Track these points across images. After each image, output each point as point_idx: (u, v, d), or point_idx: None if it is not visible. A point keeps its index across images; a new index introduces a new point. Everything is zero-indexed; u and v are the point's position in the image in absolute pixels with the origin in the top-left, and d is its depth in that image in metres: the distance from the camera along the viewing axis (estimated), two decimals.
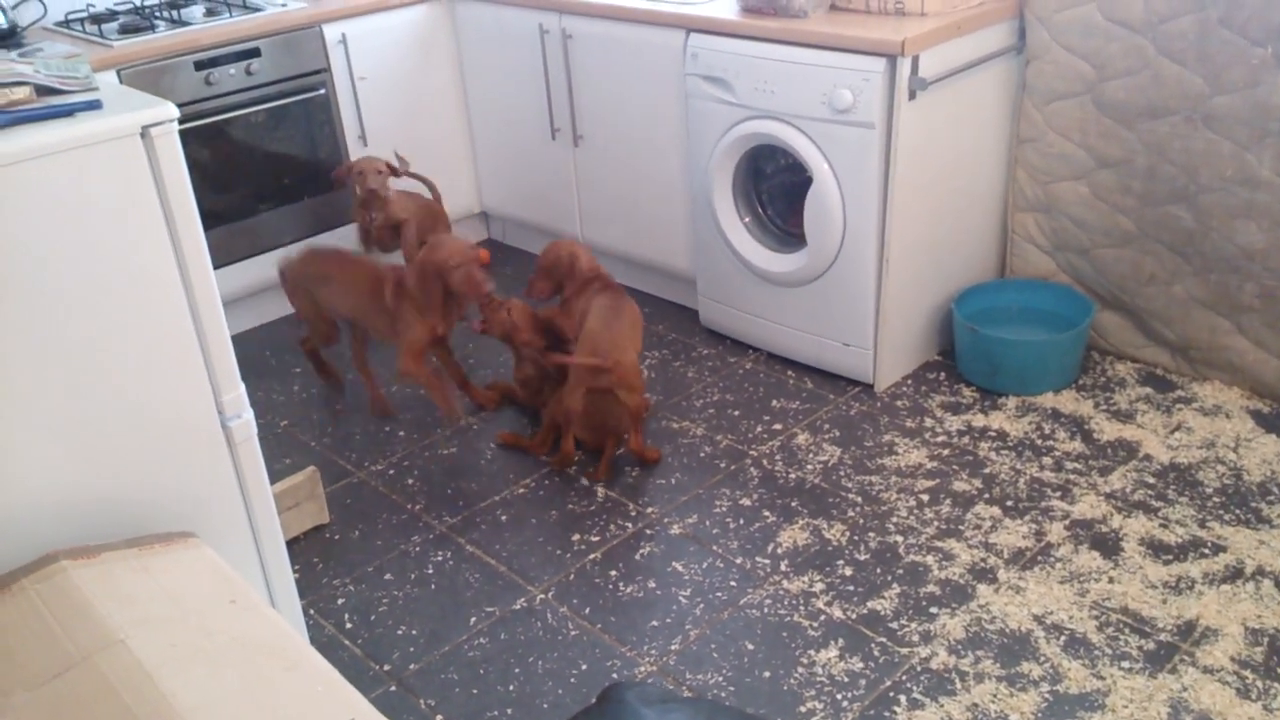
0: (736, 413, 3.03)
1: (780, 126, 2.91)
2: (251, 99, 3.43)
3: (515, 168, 3.92)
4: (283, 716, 1.20)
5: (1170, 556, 2.38)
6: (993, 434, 2.84)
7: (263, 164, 3.54)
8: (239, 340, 3.57)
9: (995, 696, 2.07)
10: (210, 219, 3.37)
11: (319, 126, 3.61)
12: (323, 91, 3.57)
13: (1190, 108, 2.75)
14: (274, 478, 2.54)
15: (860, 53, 2.71)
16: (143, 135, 1.54)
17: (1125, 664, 2.11)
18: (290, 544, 2.57)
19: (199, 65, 3.28)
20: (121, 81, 3.08)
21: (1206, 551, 2.38)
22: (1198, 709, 2.00)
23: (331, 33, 3.53)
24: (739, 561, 2.47)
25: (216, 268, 1.68)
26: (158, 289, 1.59)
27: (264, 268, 3.60)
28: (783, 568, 2.44)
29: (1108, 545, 2.42)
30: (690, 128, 3.19)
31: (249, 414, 1.70)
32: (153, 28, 3.32)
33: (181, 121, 1.60)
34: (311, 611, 2.42)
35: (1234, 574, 2.31)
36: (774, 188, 3.22)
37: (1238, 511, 2.49)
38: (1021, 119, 3.07)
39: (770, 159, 3.15)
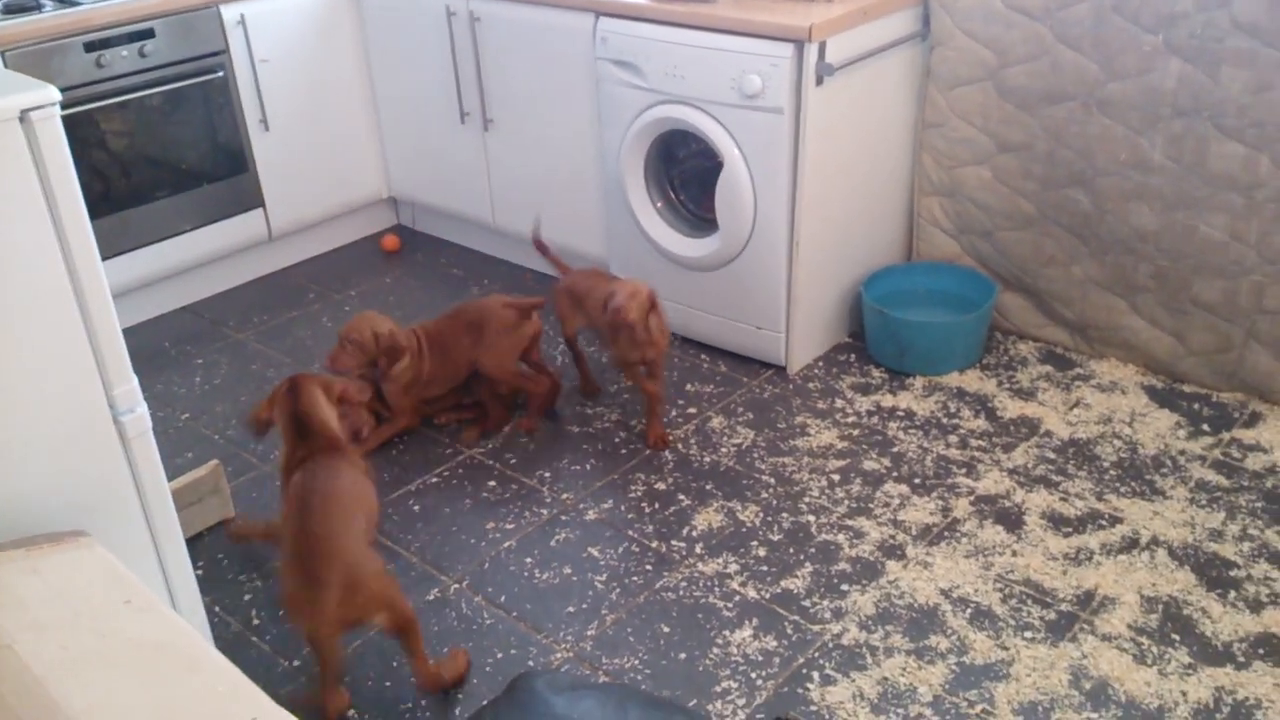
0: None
1: (691, 111, 2.92)
2: (146, 81, 3.31)
3: (424, 153, 3.86)
4: (182, 718, 1.17)
5: (1070, 529, 2.45)
6: (901, 414, 2.90)
7: (159, 149, 3.42)
8: (136, 331, 3.51)
9: (904, 669, 2.11)
10: (103, 206, 3.31)
11: (218, 110, 3.50)
12: (221, 74, 3.46)
13: (1086, 93, 2.83)
14: (175, 473, 2.48)
15: (768, 38, 2.72)
16: (21, 119, 1.48)
17: (1028, 634, 2.18)
18: (193, 540, 2.51)
19: (89, 46, 3.15)
20: (6, 65, 2.94)
21: (1104, 523, 2.46)
22: (1097, 675, 2.07)
23: (230, 13, 3.43)
24: (654, 545, 2.48)
25: (110, 257, 1.62)
26: (41, 280, 1.53)
27: (161, 256, 3.49)
28: (698, 550, 2.46)
29: (1011, 519, 2.49)
30: (602, 112, 3.17)
31: (143, 408, 1.64)
32: (39, 7, 3.18)
33: (71, 105, 1.54)
34: (217, 609, 2.36)
35: (1130, 544, 2.40)
36: (686, 173, 3.22)
37: (1133, 484, 2.59)
38: (926, 104, 3.12)
39: (682, 144, 3.15)
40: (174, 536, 1.77)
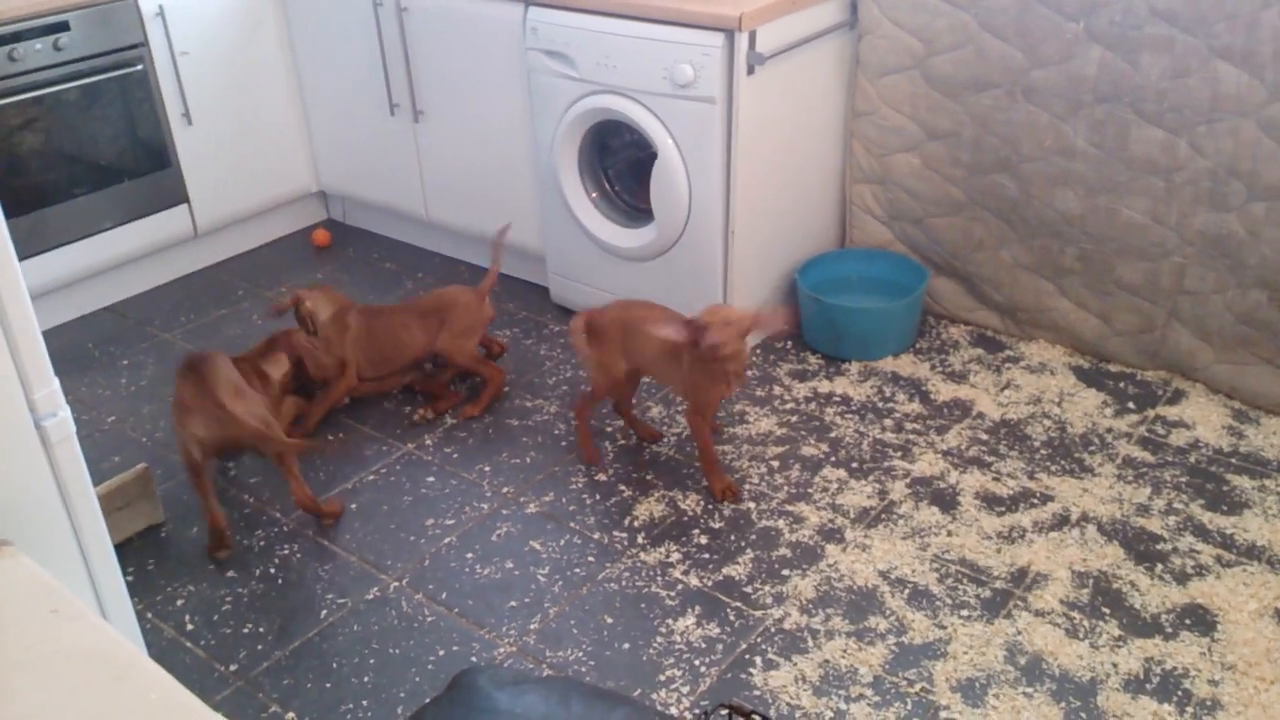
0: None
1: (623, 101, 2.91)
2: (61, 76, 3.21)
3: (353, 145, 3.80)
4: None
5: (1003, 508, 2.50)
6: (838, 399, 2.93)
7: (77, 145, 3.32)
8: (58, 333, 3.40)
9: (845, 651, 2.14)
10: (19, 204, 3.20)
11: (138, 104, 3.41)
12: (141, 67, 3.37)
13: (1011, 81, 2.88)
14: (101, 477, 2.41)
15: (699, 27, 2.72)
16: None
17: (964, 612, 2.22)
18: (122, 546, 2.44)
19: (1, 40, 3.04)
20: None
21: (1035, 501, 2.52)
22: (1031, 650, 2.12)
23: (148, 5, 3.34)
24: (596, 536, 2.48)
25: (27, 256, 1.57)
26: None
27: (82, 255, 3.39)
28: (640, 540, 2.46)
29: (946, 500, 2.53)
30: (534, 103, 3.15)
31: (66, 412, 1.59)
32: None
33: None
34: (149, 615, 2.30)
35: (1061, 521, 2.45)
36: (620, 163, 3.22)
37: (1063, 462, 2.65)
38: (856, 93, 3.15)
39: (616, 134, 3.14)
40: (101, 543, 1.71)
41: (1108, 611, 2.20)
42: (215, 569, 2.43)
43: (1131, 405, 2.85)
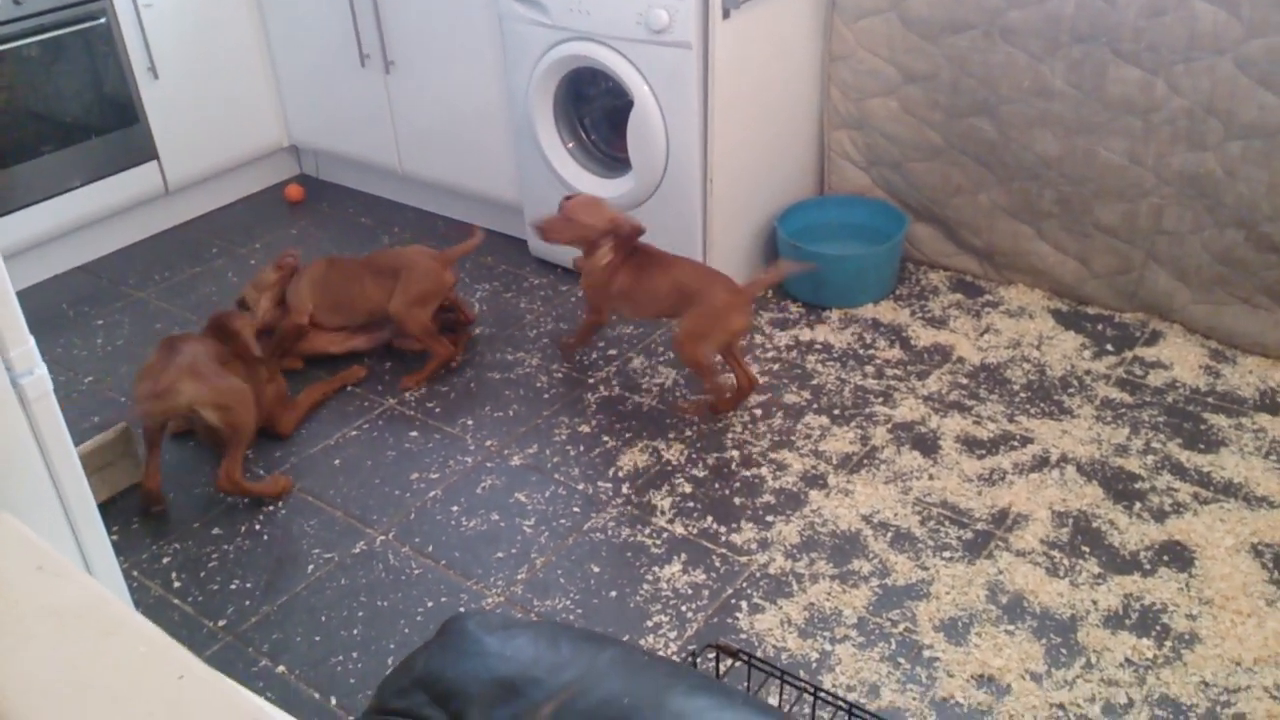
0: (571, 340, 3.02)
1: (598, 48, 2.87)
2: (21, 30, 3.13)
3: (324, 98, 3.74)
4: (104, 682, 1.14)
5: (983, 451, 2.53)
6: (819, 347, 2.93)
7: (41, 102, 3.25)
8: (31, 294, 3.36)
9: (830, 594, 2.16)
10: None
11: (102, 59, 3.34)
12: (103, 20, 3.29)
13: (988, 21, 2.86)
14: (81, 437, 2.39)
15: None
16: None
17: (946, 554, 2.24)
18: (105, 505, 2.43)
19: None
20: None
21: (1015, 444, 2.54)
22: (1012, 589, 2.15)
23: None
24: (581, 487, 2.49)
25: None
26: None
27: (51, 214, 3.34)
28: (624, 490, 2.47)
29: (927, 444, 2.55)
30: (506, 52, 3.10)
31: (42, 369, 1.57)
32: None
33: None
34: (135, 573, 2.30)
35: (1040, 463, 2.48)
36: (596, 112, 3.18)
37: (1042, 405, 2.67)
38: (833, 36, 3.13)
39: (591, 82, 3.10)
40: (84, 501, 1.70)
41: (1087, 550, 2.23)
42: (200, 526, 2.43)
43: (1109, 347, 2.87)
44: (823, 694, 1.57)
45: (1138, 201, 2.83)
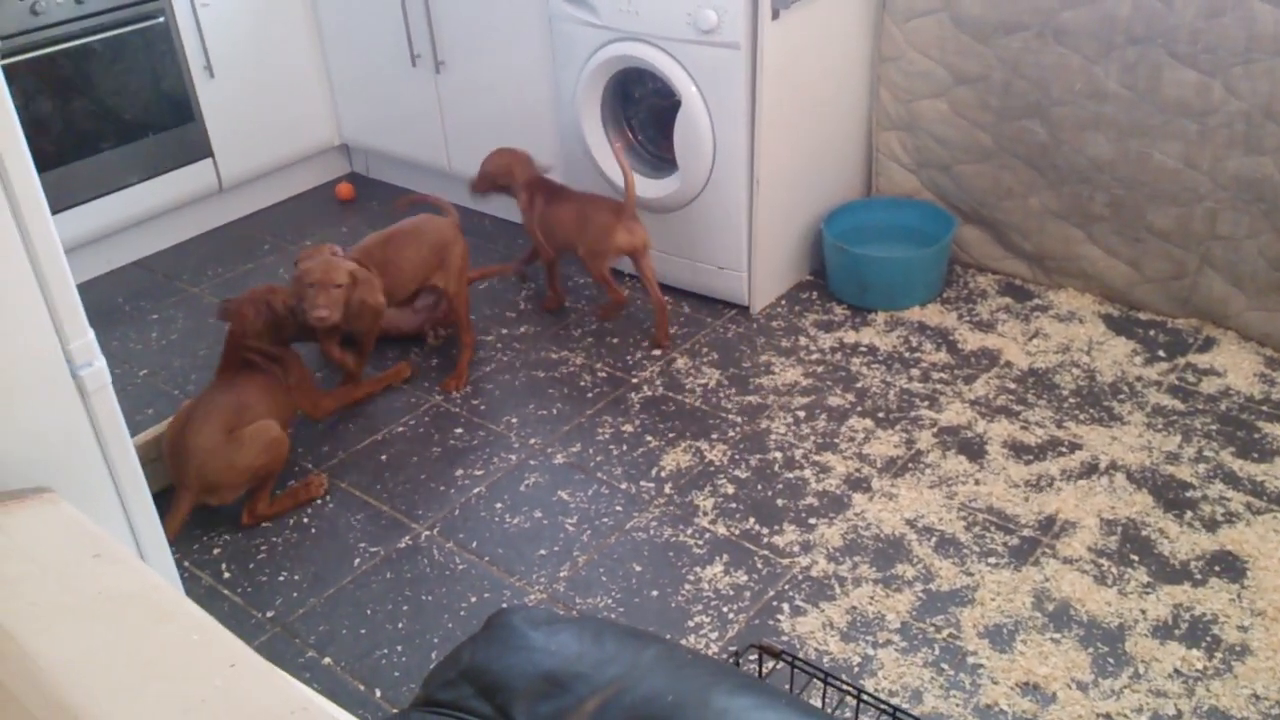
0: (615, 340, 3.03)
1: (646, 48, 2.88)
2: (83, 29, 3.20)
3: (375, 97, 3.79)
4: (159, 667, 1.16)
5: (1031, 456, 2.50)
6: (864, 349, 2.92)
7: (101, 99, 3.33)
8: (89, 288, 3.43)
9: (873, 598, 2.15)
10: (45, 159, 3.20)
11: (160, 57, 3.40)
12: (162, 20, 3.36)
13: (1041, 22, 2.82)
14: (136, 429, 2.44)
15: None
16: None
17: (992, 560, 2.22)
18: (159, 496, 2.47)
19: None
20: None
21: (1064, 450, 2.51)
22: (1059, 597, 2.12)
23: None
24: (624, 487, 2.49)
25: (58, 211, 1.57)
26: None
27: (109, 210, 3.41)
28: (667, 490, 2.47)
29: (973, 449, 2.53)
30: (555, 52, 3.12)
31: (101, 362, 1.61)
32: None
33: (7, 56, 1.48)
34: (186, 564, 2.34)
35: (1089, 470, 2.44)
36: (644, 112, 3.19)
37: (1091, 411, 2.63)
38: (883, 37, 3.11)
39: (639, 82, 3.11)
40: (140, 491, 1.74)
41: (1136, 559, 2.20)
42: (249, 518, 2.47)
43: (1162, 353, 2.82)
44: (866, 697, 1.57)
45: (1192, 206, 2.78)
